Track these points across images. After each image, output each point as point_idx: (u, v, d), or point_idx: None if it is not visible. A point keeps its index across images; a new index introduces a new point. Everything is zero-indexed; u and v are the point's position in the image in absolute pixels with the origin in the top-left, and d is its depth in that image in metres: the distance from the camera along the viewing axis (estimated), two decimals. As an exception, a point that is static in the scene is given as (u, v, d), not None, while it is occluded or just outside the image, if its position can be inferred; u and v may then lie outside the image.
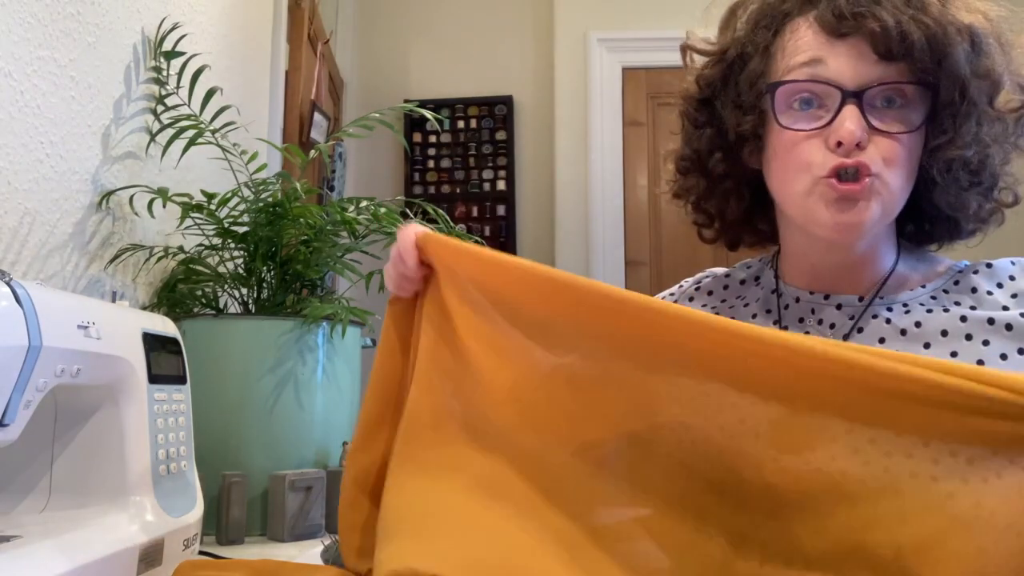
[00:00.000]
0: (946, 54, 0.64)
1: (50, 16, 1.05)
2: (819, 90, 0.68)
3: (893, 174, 0.67)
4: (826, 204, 0.68)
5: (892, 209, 0.69)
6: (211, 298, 1.32)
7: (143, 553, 0.77)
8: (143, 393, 0.84)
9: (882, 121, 0.66)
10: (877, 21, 0.64)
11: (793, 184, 0.71)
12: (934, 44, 0.64)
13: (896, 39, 0.64)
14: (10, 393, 0.63)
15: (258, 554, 1.01)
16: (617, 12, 3.06)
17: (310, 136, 2.36)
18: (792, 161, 0.70)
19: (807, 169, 0.69)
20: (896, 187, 0.68)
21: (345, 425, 1.28)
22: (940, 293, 0.74)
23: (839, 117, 0.66)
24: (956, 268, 0.76)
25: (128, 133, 1.28)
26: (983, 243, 0.78)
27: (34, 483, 0.80)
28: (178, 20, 1.40)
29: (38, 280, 1.03)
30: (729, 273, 0.88)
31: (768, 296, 0.81)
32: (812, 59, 0.68)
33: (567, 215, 3.06)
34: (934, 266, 0.77)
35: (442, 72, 3.24)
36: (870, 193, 0.67)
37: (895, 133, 0.66)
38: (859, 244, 0.73)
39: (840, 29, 0.67)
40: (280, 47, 2.10)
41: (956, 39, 0.64)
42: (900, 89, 0.66)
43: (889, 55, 0.65)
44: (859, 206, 0.67)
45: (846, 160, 0.66)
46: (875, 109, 0.67)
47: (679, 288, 0.90)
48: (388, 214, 1.30)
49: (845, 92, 0.66)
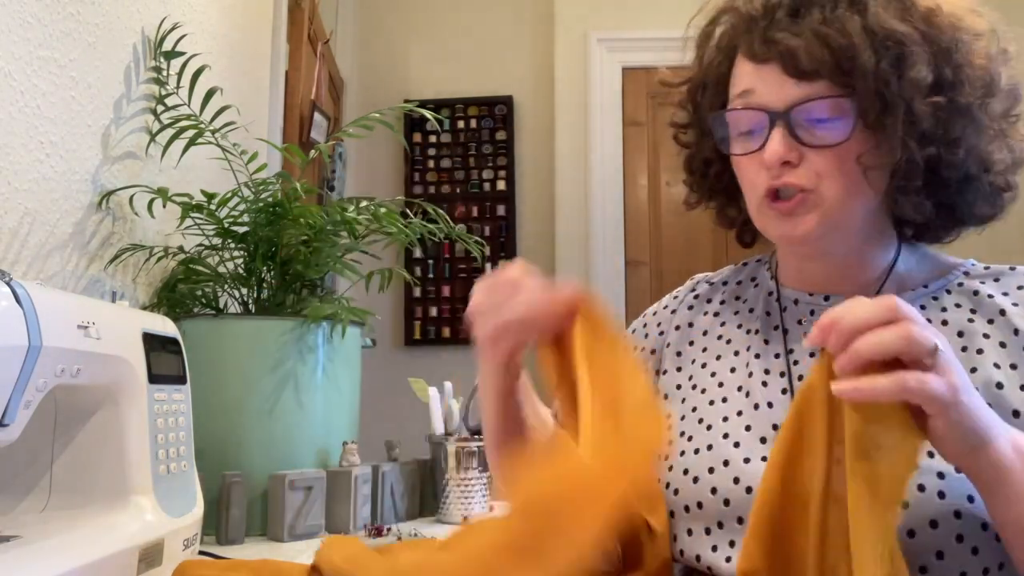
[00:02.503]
0: (855, 66, 0.67)
1: (50, 16, 1.05)
2: (750, 115, 0.73)
3: (829, 185, 0.70)
4: (769, 220, 0.73)
5: (838, 218, 0.71)
6: (211, 298, 1.32)
7: (143, 553, 0.77)
8: (143, 393, 0.84)
9: (812, 136, 0.70)
10: (786, 46, 0.69)
11: (747, 201, 0.77)
12: (843, 59, 0.67)
13: (804, 59, 0.68)
14: (10, 393, 0.63)
15: (258, 554, 1.00)
16: (617, 12, 3.06)
17: (310, 136, 2.36)
18: (742, 182, 0.76)
19: (752, 188, 0.74)
20: (835, 197, 0.70)
21: (345, 425, 1.28)
22: (942, 294, 0.74)
23: (768, 140, 0.70)
24: (962, 268, 0.76)
25: (128, 133, 1.28)
26: (983, 240, 0.78)
27: (34, 483, 0.80)
28: (178, 20, 1.40)
29: (38, 280, 1.03)
30: (726, 280, 0.88)
31: (767, 299, 0.82)
32: (744, 90, 0.73)
33: (567, 215, 3.05)
34: (936, 265, 0.77)
35: (442, 72, 3.24)
36: (804, 208, 0.70)
37: (824, 147, 0.69)
38: (827, 250, 0.75)
39: (760, 56, 0.71)
40: (280, 47, 2.10)
41: (868, 51, 0.67)
42: (822, 105, 0.69)
43: (803, 75, 0.69)
44: (796, 220, 0.71)
45: (774, 182, 0.71)
46: (804, 126, 0.70)
47: (674, 299, 0.90)
48: (388, 214, 1.30)
49: (771, 114, 0.70)
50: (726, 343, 0.81)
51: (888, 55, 0.67)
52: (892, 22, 0.67)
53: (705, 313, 0.85)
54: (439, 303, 3.11)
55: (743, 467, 0.70)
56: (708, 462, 0.72)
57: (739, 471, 0.69)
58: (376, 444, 1.48)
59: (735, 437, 0.72)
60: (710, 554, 0.69)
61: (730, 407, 0.75)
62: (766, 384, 0.75)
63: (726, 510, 0.69)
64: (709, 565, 0.69)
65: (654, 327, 0.88)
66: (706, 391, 0.78)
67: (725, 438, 0.72)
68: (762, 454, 0.69)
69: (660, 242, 3.03)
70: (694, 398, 0.79)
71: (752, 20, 0.73)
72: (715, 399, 0.77)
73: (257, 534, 1.14)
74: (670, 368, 0.83)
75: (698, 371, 0.81)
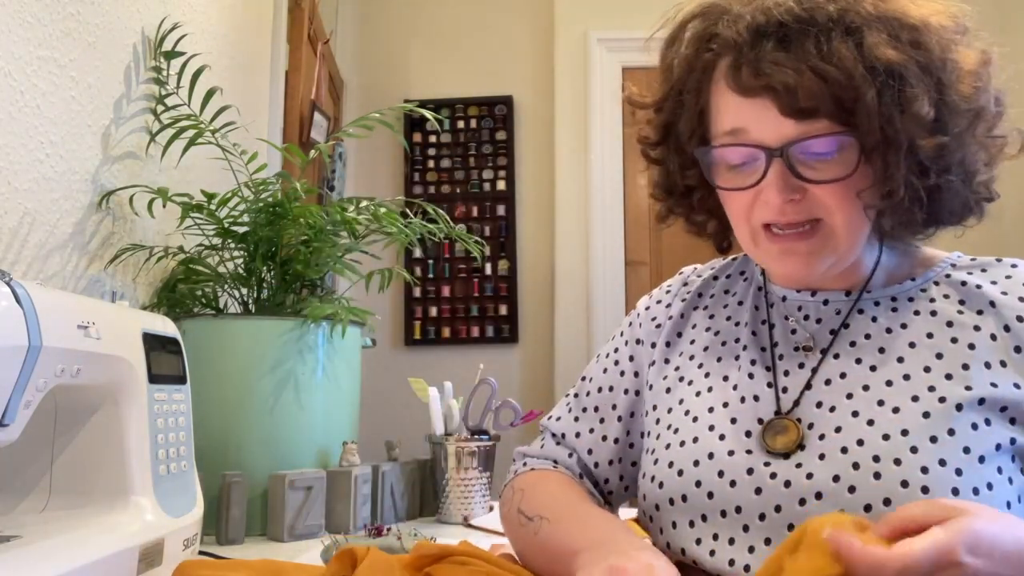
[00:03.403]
0: (856, 102, 0.64)
1: (50, 16, 1.05)
2: (746, 152, 0.70)
3: (840, 217, 0.68)
4: (771, 257, 0.72)
5: (844, 249, 0.70)
6: (211, 298, 1.32)
7: (143, 553, 0.77)
8: (143, 393, 0.84)
9: (815, 171, 0.67)
10: (781, 82, 0.64)
11: (739, 232, 0.74)
12: (842, 95, 0.64)
13: (802, 97, 0.64)
14: (10, 393, 0.63)
15: (258, 554, 1.01)
16: (617, 12, 3.06)
17: (310, 136, 2.36)
18: (731, 212, 0.74)
19: (745, 222, 0.72)
20: (843, 228, 0.69)
21: (345, 425, 1.28)
22: (930, 285, 0.74)
23: (767, 177, 0.68)
24: (948, 260, 0.76)
25: (128, 133, 1.28)
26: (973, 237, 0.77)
27: (34, 483, 0.80)
28: (178, 20, 1.40)
29: (38, 280, 1.03)
30: (717, 275, 0.88)
31: (756, 293, 0.82)
32: (735, 128, 0.70)
33: (567, 215, 3.06)
34: (921, 257, 0.78)
35: (442, 72, 3.24)
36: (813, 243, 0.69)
37: (827, 181, 0.67)
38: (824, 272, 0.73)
39: (751, 91, 0.67)
40: (280, 47, 2.10)
41: (866, 84, 0.63)
42: (822, 141, 0.66)
43: (801, 113, 0.65)
44: (803, 258, 0.70)
45: (778, 218, 0.69)
46: (805, 162, 0.67)
47: (667, 293, 0.89)
48: (388, 214, 1.30)
49: (769, 152, 0.67)
50: (714, 335, 0.81)
51: (889, 91, 0.64)
52: (888, 52, 0.64)
53: (696, 307, 0.85)
54: (439, 303, 3.11)
55: (727, 460, 0.70)
56: (693, 455, 0.72)
57: (723, 464, 0.69)
58: (376, 444, 1.48)
59: (720, 430, 0.72)
60: (694, 547, 0.70)
61: (716, 398, 0.75)
62: (752, 376, 0.75)
63: (710, 503, 0.69)
64: (694, 559, 0.70)
65: (648, 321, 0.88)
66: (693, 383, 0.78)
67: (711, 430, 0.72)
68: (747, 447, 0.70)
69: (660, 242, 3.03)
70: (681, 390, 0.79)
71: (737, 47, 0.68)
72: (702, 390, 0.77)
73: (257, 534, 1.14)
74: (658, 360, 0.83)
75: (686, 363, 0.81)
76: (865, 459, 0.64)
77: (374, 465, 1.27)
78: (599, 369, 0.90)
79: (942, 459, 0.62)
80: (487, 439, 1.31)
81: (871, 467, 0.63)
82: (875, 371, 0.69)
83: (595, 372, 0.90)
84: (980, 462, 0.62)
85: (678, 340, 0.84)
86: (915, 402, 0.66)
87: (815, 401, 0.70)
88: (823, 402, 0.70)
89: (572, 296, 3.01)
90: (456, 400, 1.36)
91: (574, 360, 2.99)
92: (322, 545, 0.96)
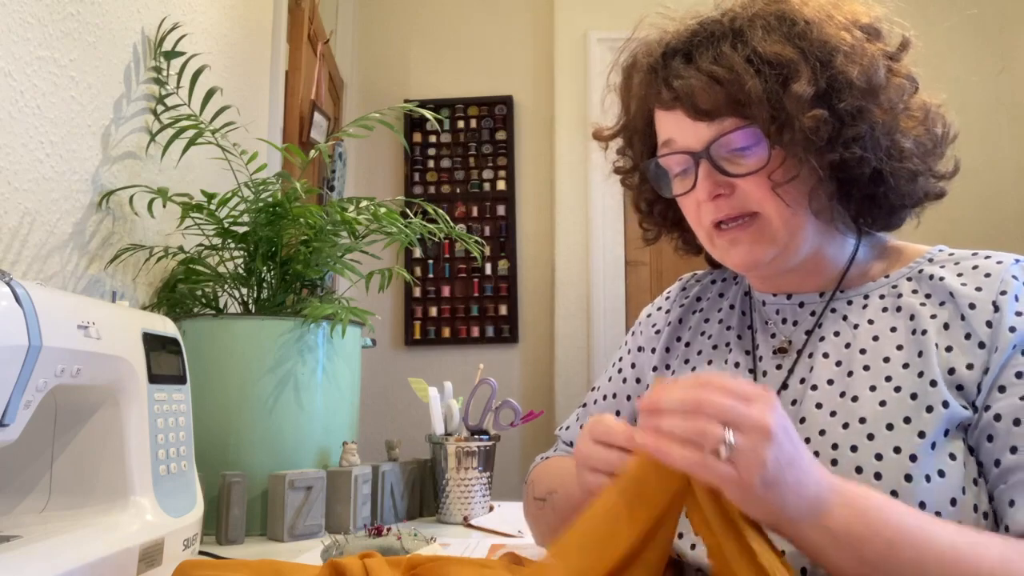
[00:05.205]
0: (746, 96, 0.70)
1: (50, 16, 1.05)
2: (677, 159, 0.77)
3: (770, 206, 0.72)
4: (723, 251, 0.77)
5: (785, 236, 0.73)
6: (211, 298, 1.32)
7: (143, 553, 0.77)
8: (143, 393, 0.84)
9: (737, 165, 0.73)
10: (684, 91, 0.73)
11: (699, 236, 0.80)
12: (734, 92, 0.71)
13: (701, 100, 0.72)
14: (10, 393, 0.63)
15: (258, 554, 1.01)
16: (617, 12, 3.06)
17: (310, 136, 2.36)
18: (689, 219, 0.81)
19: (699, 224, 0.78)
20: (779, 216, 0.72)
21: (345, 425, 1.28)
22: (902, 281, 0.75)
23: (698, 178, 0.75)
24: (927, 256, 0.77)
25: (128, 133, 1.28)
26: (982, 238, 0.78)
27: (34, 483, 0.80)
28: (178, 20, 1.40)
29: (38, 280, 1.03)
30: (714, 279, 0.92)
31: (743, 298, 0.86)
32: (667, 139, 0.77)
33: (567, 215, 3.06)
34: (899, 254, 0.79)
35: (442, 72, 3.24)
36: (751, 233, 0.74)
37: (747, 174, 0.72)
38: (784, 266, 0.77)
39: (667, 103, 0.76)
40: (280, 47, 2.10)
41: (748, 76, 0.70)
42: (733, 137, 0.72)
43: (706, 115, 0.72)
44: (746, 247, 0.74)
45: (717, 215, 0.75)
46: (727, 158, 0.73)
47: (666, 300, 0.95)
48: (388, 214, 1.30)
49: (693, 155, 0.74)
50: (707, 338, 0.86)
51: (771, 77, 0.70)
52: (773, 47, 0.70)
53: (693, 311, 0.90)
54: (439, 303, 3.11)
55: None
56: None
57: None
58: (376, 444, 1.48)
59: None
60: (677, 541, 0.73)
61: None
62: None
63: None
64: (679, 553, 0.74)
65: (648, 328, 0.93)
66: None
67: None
68: None
69: (660, 242, 3.03)
70: None
71: (653, 70, 0.77)
72: None
73: (257, 534, 1.14)
74: (659, 365, 0.88)
75: (681, 367, 0.86)
76: (825, 447, 0.68)
77: (374, 465, 1.27)
78: (605, 379, 0.97)
79: (897, 446, 0.65)
80: (487, 439, 1.32)
81: (829, 454, 0.67)
82: (840, 366, 0.73)
83: (602, 382, 0.97)
84: (932, 448, 0.64)
85: (676, 344, 0.89)
86: (873, 391, 0.69)
87: (790, 400, 0.74)
88: (797, 399, 0.73)
89: (572, 296, 3.01)
90: (456, 400, 1.36)
91: (574, 360, 2.99)
92: (322, 545, 0.96)
